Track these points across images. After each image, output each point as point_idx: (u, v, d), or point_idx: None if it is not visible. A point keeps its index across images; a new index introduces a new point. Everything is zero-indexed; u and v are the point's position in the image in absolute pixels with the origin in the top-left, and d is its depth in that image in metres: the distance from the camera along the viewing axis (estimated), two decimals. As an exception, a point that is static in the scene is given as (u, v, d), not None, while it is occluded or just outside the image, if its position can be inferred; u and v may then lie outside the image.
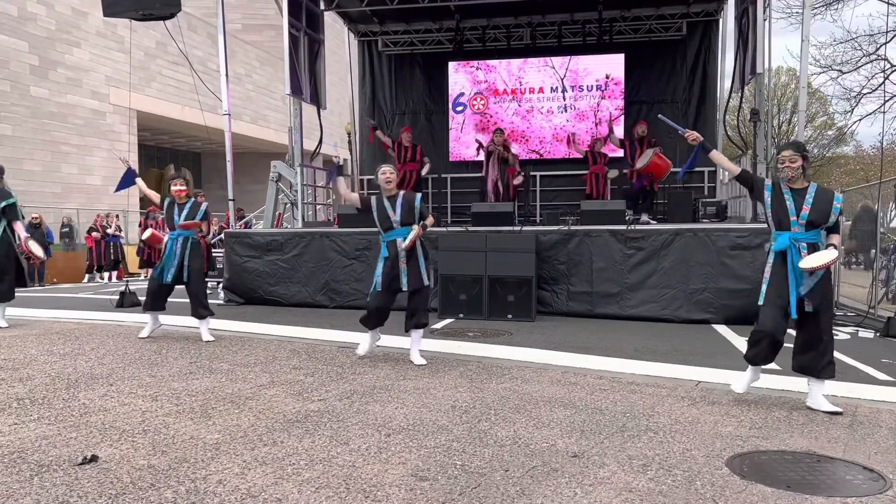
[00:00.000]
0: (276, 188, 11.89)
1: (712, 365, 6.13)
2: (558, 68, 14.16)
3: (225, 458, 3.60)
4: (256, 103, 29.42)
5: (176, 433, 4.01)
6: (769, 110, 11.50)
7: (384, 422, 4.29)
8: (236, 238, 10.67)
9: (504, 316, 8.81)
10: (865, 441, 4.05)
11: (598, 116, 13.87)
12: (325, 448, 3.78)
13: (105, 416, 4.36)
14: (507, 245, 9.01)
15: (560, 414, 4.53)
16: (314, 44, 12.87)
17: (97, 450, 3.67)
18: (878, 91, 17.92)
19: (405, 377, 5.59)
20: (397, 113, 15.24)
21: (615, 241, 9.05)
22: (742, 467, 3.57)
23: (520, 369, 5.95)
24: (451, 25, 14.26)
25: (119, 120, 22.57)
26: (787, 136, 37.07)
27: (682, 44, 14.10)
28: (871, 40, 18.11)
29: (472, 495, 3.15)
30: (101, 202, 21.14)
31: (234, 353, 6.59)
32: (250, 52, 29.48)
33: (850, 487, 3.34)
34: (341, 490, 3.18)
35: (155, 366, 5.93)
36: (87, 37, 21.40)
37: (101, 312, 9.51)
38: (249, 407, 4.61)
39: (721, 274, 8.61)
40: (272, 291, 10.34)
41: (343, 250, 10.03)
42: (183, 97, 24.08)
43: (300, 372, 5.74)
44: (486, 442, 3.92)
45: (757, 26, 10.06)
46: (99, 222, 17.33)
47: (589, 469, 3.51)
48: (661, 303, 8.83)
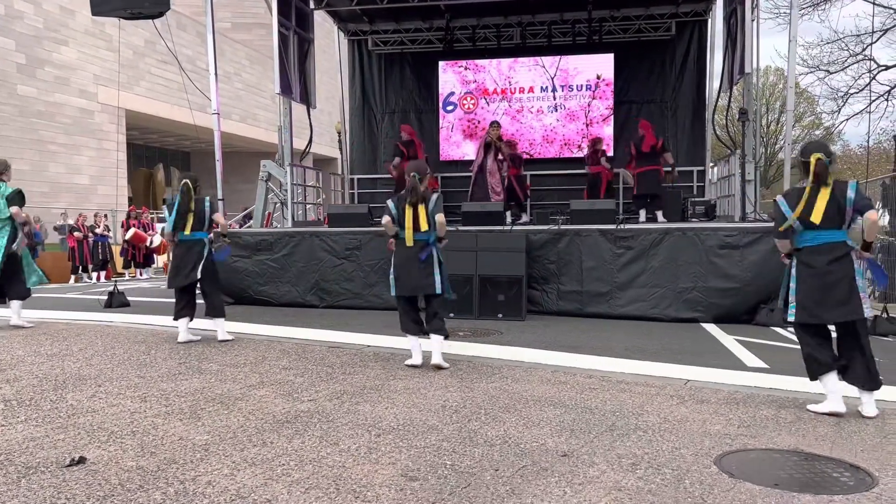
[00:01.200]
0: (265, 187, 11.85)
1: (701, 364, 6.16)
2: (548, 68, 14.19)
3: (214, 458, 3.59)
4: (246, 102, 29.32)
5: (165, 434, 3.99)
6: (757, 110, 11.57)
7: (374, 422, 4.29)
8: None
9: (494, 315, 8.82)
10: (852, 439, 4.08)
11: (588, 116, 13.95)
12: (314, 448, 3.77)
13: (93, 417, 4.33)
14: (498, 244, 9.03)
15: (550, 413, 4.54)
16: (304, 43, 12.85)
17: (85, 451, 3.65)
18: (865, 91, 18.05)
19: (395, 377, 5.59)
20: (387, 112, 15.23)
21: (605, 240, 9.08)
22: (730, 466, 3.59)
23: (510, 369, 5.96)
24: (441, 25, 14.25)
25: (107, 119, 22.44)
26: (775, 135, 37.34)
27: (671, 44, 14.15)
28: (858, 40, 18.25)
29: (461, 495, 3.15)
30: (88, 202, 21.02)
31: (223, 353, 6.57)
32: (240, 51, 29.37)
33: (838, 485, 3.37)
34: (331, 491, 3.18)
35: (144, 366, 5.90)
36: (75, 35, 21.26)
37: (90, 313, 9.45)
38: (239, 407, 4.59)
39: (710, 273, 8.65)
40: (262, 291, 10.31)
41: (333, 250, 10.01)
42: (172, 96, 23.96)
43: (290, 372, 5.73)
44: (476, 441, 3.93)
45: (745, 26, 10.12)
46: (81, 222, 17.19)
47: (578, 468, 3.52)
48: (651, 302, 8.86)
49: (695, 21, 14.00)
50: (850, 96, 19.13)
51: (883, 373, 5.83)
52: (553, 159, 14.24)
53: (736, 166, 10.48)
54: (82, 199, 21.11)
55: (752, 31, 10.17)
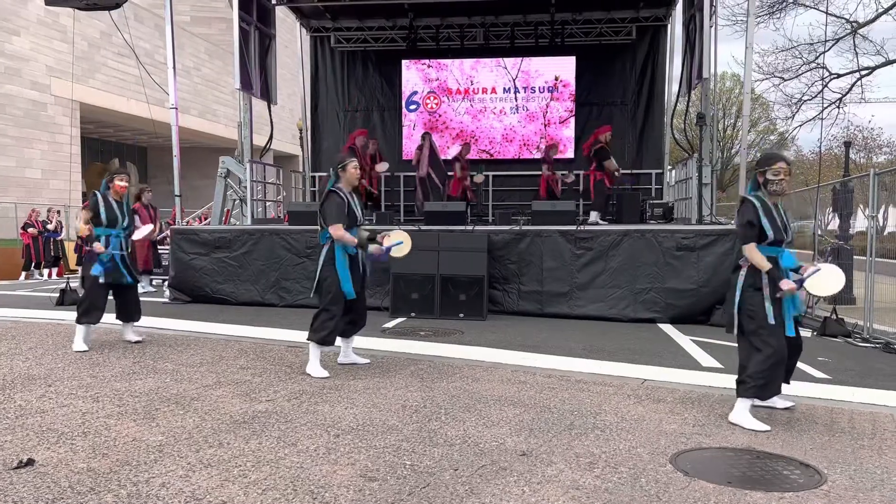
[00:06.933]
0: (224, 184, 11.67)
1: (658, 363, 6.26)
2: (510, 69, 14.27)
3: (169, 460, 3.52)
4: (205, 97, 28.82)
5: (118, 435, 3.90)
6: (715, 114, 11.78)
7: (333, 422, 4.25)
8: (183, 235, 10.44)
9: (456, 315, 8.83)
10: (802, 437, 4.19)
11: (546, 118, 14.08)
12: (272, 449, 3.73)
13: (42, 417, 4.22)
14: (460, 244, 9.04)
15: (510, 413, 4.56)
16: (265, 38, 12.69)
17: (34, 453, 3.55)
18: (818, 98, 18.56)
19: (356, 377, 5.55)
20: (350, 110, 15.13)
21: (565, 241, 9.16)
22: (685, 464, 3.65)
23: (471, 368, 5.97)
24: (404, 24, 14.20)
25: (61, 112, 21.83)
26: (732, 140, 38.13)
27: (631, 48, 14.34)
28: (812, 49, 18.76)
29: (421, 495, 3.15)
30: (40, 196, 20.43)
31: (179, 352, 6.45)
32: (199, 45, 28.87)
33: (788, 482, 3.45)
34: (288, 492, 3.14)
35: (96, 366, 5.76)
36: (28, 25, 20.63)
37: (41, 311, 9.19)
38: (195, 408, 4.51)
39: (667, 274, 8.80)
40: (220, 290, 10.15)
41: (294, 248, 9.90)
42: (129, 89, 23.42)
43: (248, 372, 5.65)
44: (435, 441, 3.92)
45: (703, 33, 10.30)
46: (34, 217, 16.72)
47: (537, 467, 3.54)
48: (609, 302, 8.97)
49: (655, 26, 14.21)
50: (803, 103, 19.67)
51: (830, 372, 6.02)
52: (514, 160, 14.33)
53: (693, 170, 10.67)
54: (33, 194, 20.50)
55: (709, 38, 10.35)
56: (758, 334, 4.37)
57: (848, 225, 10.94)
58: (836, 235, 10.84)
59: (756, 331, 4.38)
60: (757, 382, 4.33)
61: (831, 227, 11.52)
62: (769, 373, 4.32)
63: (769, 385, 4.35)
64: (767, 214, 4.43)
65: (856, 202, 11.14)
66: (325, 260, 5.64)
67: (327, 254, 5.64)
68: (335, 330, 5.63)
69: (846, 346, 7.56)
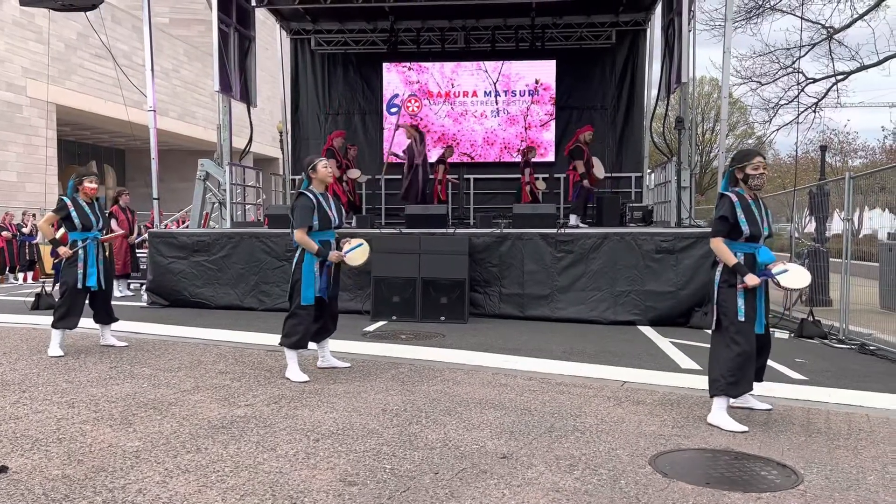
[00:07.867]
0: (203, 187, 11.58)
1: (637, 366, 6.30)
2: (491, 72, 14.31)
3: (146, 466, 3.48)
4: (184, 99, 28.60)
5: (93, 441, 3.85)
6: (693, 118, 11.88)
7: (313, 426, 4.23)
8: (161, 238, 10.34)
9: (437, 318, 8.82)
10: (779, 438, 4.22)
11: (527, 121, 14.16)
12: (251, 454, 3.69)
13: (17, 424, 4.15)
14: (441, 247, 9.04)
15: (490, 415, 4.56)
16: (245, 40, 12.62)
17: (7, 460, 3.49)
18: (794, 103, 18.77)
19: (335, 381, 5.52)
20: (330, 113, 15.07)
21: (546, 244, 9.20)
22: (664, 465, 3.67)
23: (452, 371, 5.96)
24: (385, 27, 14.20)
25: (37, 114, 21.55)
26: (710, 143, 38.50)
27: (611, 52, 14.44)
28: (788, 54, 18.96)
29: (401, 499, 3.13)
30: (16, 199, 20.14)
31: (156, 357, 6.38)
32: (178, 47, 28.64)
33: (766, 483, 3.48)
34: (267, 497, 3.12)
35: (72, 371, 5.68)
36: (3, 26, 20.35)
37: (15, 315, 9.06)
38: (172, 413, 4.46)
39: (646, 277, 8.86)
40: (198, 293, 10.06)
41: (273, 251, 9.84)
42: (106, 91, 23.18)
43: (226, 376, 5.60)
44: (416, 445, 3.91)
45: (682, 37, 10.40)
46: (7, 220, 16.46)
47: (517, 470, 3.54)
48: (590, 305, 9.01)
49: (634, 31, 14.32)
50: (780, 107, 19.87)
51: (807, 374, 6.09)
52: (494, 163, 14.36)
53: (672, 173, 10.76)
54: (8, 197, 20.21)
55: (688, 42, 10.45)
56: (728, 331, 4.44)
57: (824, 228, 11.07)
58: (812, 238, 10.97)
59: (728, 327, 4.45)
60: (728, 380, 4.39)
61: (808, 229, 11.66)
62: (739, 371, 4.38)
63: (740, 383, 4.40)
64: (746, 210, 4.48)
65: (832, 205, 11.28)
66: (296, 263, 5.62)
67: (298, 257, 5.61)
68: (306, 334, 5.59)
69: (822, 348, 7.65)
